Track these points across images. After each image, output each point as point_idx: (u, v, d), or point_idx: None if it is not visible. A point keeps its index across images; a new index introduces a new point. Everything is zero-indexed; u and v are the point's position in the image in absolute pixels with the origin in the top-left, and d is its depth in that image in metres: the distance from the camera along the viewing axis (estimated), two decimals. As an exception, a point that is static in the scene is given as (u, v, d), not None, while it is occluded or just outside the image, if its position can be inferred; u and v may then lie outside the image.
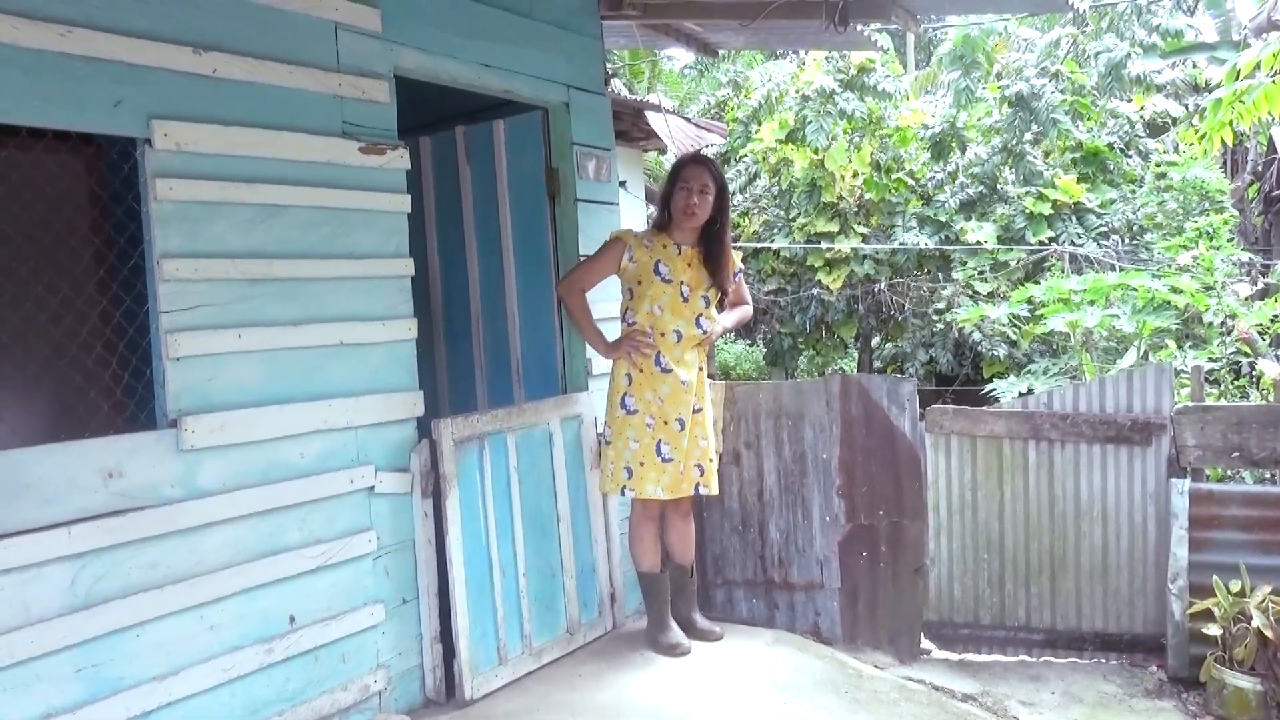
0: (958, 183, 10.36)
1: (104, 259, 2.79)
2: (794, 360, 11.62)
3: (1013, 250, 9.53)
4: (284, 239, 2.79)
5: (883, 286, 10.31)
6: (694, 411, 3.52)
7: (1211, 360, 5.79)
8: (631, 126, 7.15)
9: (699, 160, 3.60)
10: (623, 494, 3.58)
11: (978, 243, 9.58)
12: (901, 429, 3.84)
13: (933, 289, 10.20)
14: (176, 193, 2.53)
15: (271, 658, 2.71)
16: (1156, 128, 11.35)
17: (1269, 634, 3.36)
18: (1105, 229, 9.49)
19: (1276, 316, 5.74)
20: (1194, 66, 10.82)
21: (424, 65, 3.27)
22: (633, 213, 7.19)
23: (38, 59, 2.27)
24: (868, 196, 10.45)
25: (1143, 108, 10.91)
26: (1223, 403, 4.69)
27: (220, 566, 2.60)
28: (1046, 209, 9.54)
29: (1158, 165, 9.98)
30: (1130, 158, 10.47)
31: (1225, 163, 10.61)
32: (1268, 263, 8.75)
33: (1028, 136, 10.02)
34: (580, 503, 3.75)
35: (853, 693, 3.34)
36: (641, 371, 3.48)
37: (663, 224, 3.56)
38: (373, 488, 3.02)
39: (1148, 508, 3.76)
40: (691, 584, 3.81)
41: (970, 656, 3.93)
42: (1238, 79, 5.05)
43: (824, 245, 10.33)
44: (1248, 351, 5.91)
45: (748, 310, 3.86)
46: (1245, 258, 7.90)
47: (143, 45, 2.46)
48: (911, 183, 10.63)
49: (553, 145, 3.90)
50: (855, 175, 10.49)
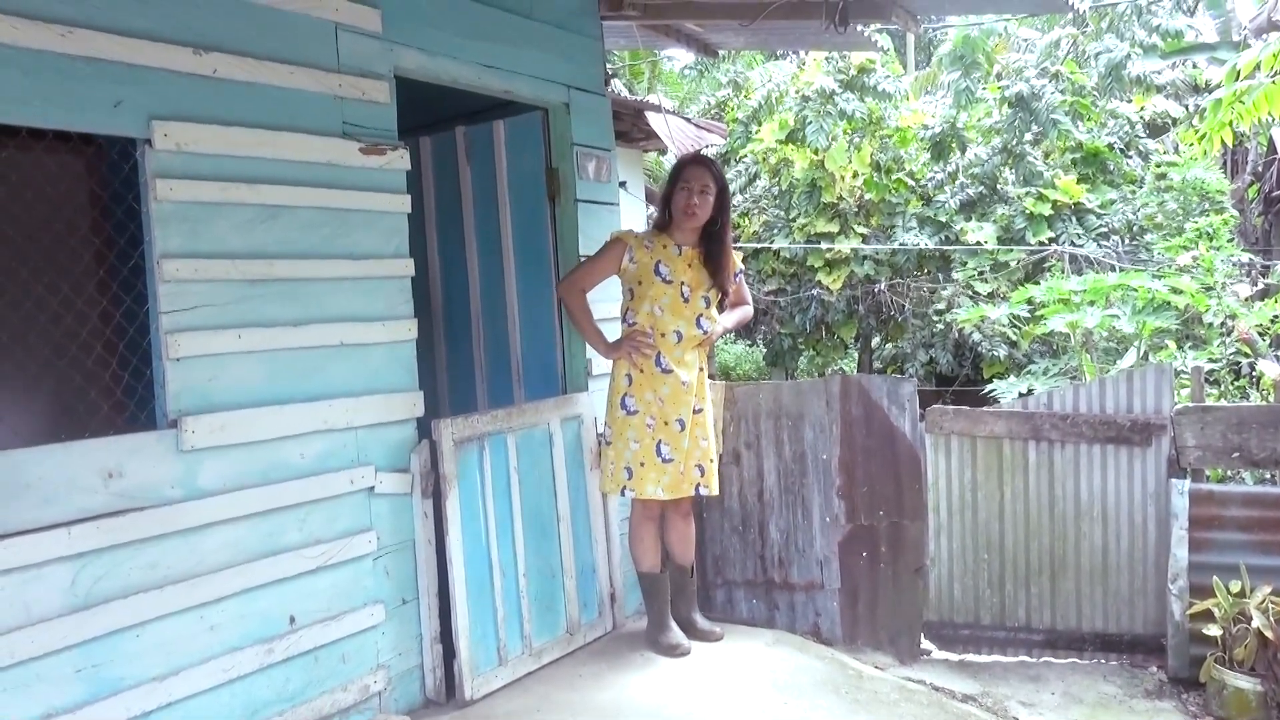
0: (958, 183, 10.36)
1: (104, 259, 2.79)
2: (794, 361, 11.62)
3: (1013, 251, 9.53)
4: (284, 239, 2.80)
5: (883, 287, 10.31)
6: (694, 412, 3.52)
7: (1211, 361, 5.79)
8: (631, 127, 7.14)
9: (700, 160, 3.59)
10: (623, 494, 3.58)
11: (978, 243, 9.58)
12: (902, 429, 3.84)
13: (933, 289, 10.20)
14: (177, 193, 2.53)
15: (271, 658, 2.71)
16: (1156, 128, 11.35)
17: (1269, 634, 3.36)
18: (1105, 229, 9.48)
19: (1276, 317, 5.74)
20: (1194, 67, 10.82)
21: (424, 66, 3.27)
22: (633, 213, 7.18)
23: (38, 59, 2.27)
24: (868, 197, 10.45)
25: (1143, 108, 10.91)
26: (1223, 403, 4.69)
27: (220, 567, 2.60)
28: (1046, 209, 9.53)
29: (1158, 166, 9.97)
30: (1130, 158, 10.47)
31: (1225, 163, 10.60)
32: (1268, 263, 8.76)
33: (1028, 137, 10.02)
34: (580, 503, 3.75)
35: (853, 693, 3.34)
36: (642, 372, 3.48)
37: (663, 224, 3.56)
38: (373, 488, 3.02)
39: (1148, 508, 3.76)
40: (692, 584, 3.81)
41: (970, 657, 3.93)
42: (1238, 79, 5.05)
43: (824, 246, 10.33)
44: (1248, 352, 5.91)
45: (748, 311, 3.86)
46: (1245, 258, 7.90)
47: (143, 46, 2.46)
48: (911, 183, 10.63)
49: (553, 145, 3.90)
50: (855, 176, 10.49)
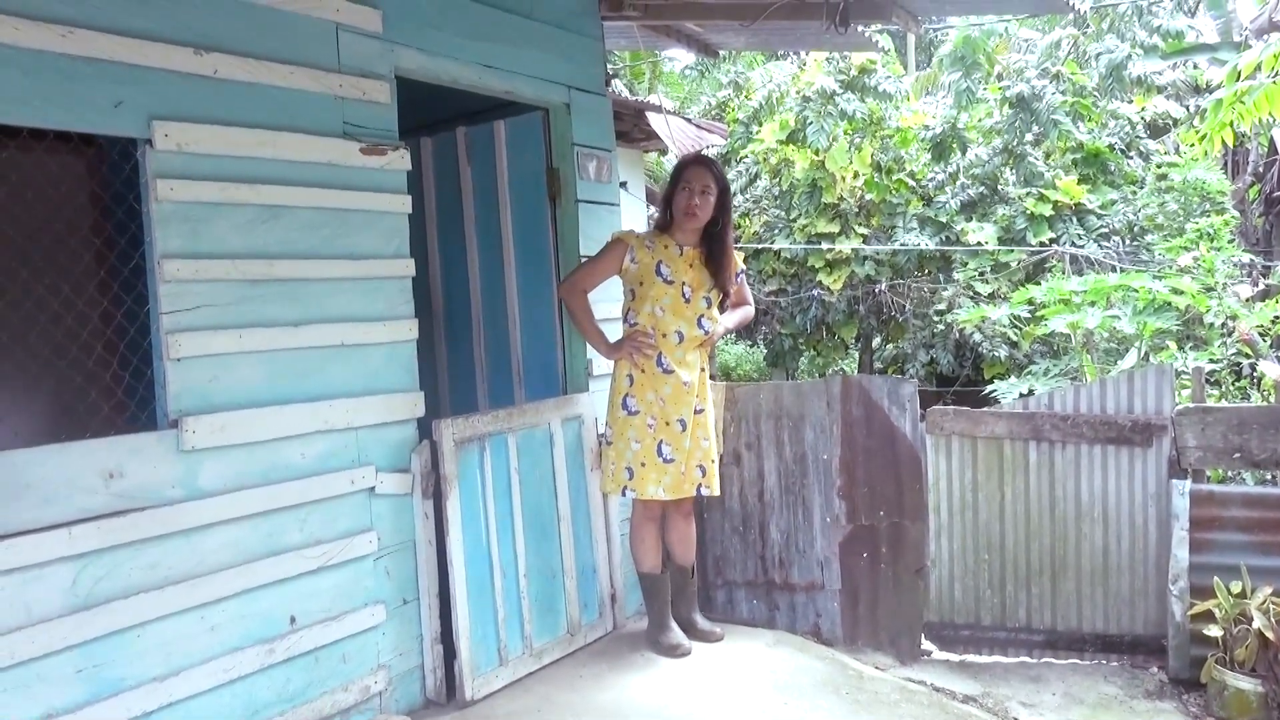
0: (958, 184, 10.36)
1: (105, 260, 2.79)
2: (795, 361, 11.62)
3: (1013, 251, 9.53)
4: (285, 240, 2.80)
5: (883, 287, 10.31)
6: (696, 412, 3.52)
7: (1212, 361, 5.79)
8: (632, 127, 7.15)
9: (701, 161, 3.59)
10: (624, 494, 3.58)
11: (978, 244, 9.58)
12: (902, 430, 3.84)
13: (933, 290, 10.20)
14: (177, 193, 2.53)
15: (272, 658, 2.71)
16: (1157, 129, 11.35)
17: (1270, 635, 3.36)
18: (1106, 230, 9.48)
19: (1277, 318, 5.74)
20: (1195, 68, 10.82)
21: (425, 66, 3.27)
22: (633, 213, 7.19)
23: (39, 60, 2.27)
24: (868, 197, 10.45)
25: (1143, 109, 10.90)
26: (1224, 404, 4.69)
27: (221, 567, 2.60)
28: (1047, 210, 9.53)
29: (1159, 166, 9.98)
30: (1131, 159, 10.47)
31: (1226, 164, 10.60)
32: (1268, 264, 8.76)
33: (1028, 137, 10.02)
34: (581, 503, 3.75)
35: (853, 694, 3.34)
36: (643, 372, 3.48)
37: (664, 225, 3.56)
38: (373, 488, 3.02)
39: (1149, 509, 3.76)
40: (692, 585, 3.81)
41: (971, 658, 3.92)
42: (1238, 80, 5.05)
43: (825, 246, 10.33)
44: (1248, 353, 5.91)
45: (749, 311, 3.86)
46: (1246, 259, 7.91)
47: (143, 46, 2.46)
48: (912, 184, 10.63)
49: (553, 146, 3.90)
50: (856, 176, 10.49)
